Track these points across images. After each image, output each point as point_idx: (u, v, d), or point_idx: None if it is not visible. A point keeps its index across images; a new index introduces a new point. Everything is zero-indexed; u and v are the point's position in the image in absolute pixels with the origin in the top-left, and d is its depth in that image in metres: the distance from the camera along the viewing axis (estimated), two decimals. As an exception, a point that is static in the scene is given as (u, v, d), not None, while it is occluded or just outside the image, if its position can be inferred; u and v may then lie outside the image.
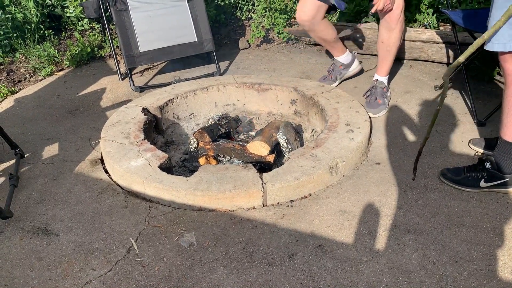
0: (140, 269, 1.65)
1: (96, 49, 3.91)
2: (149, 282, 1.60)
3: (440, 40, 3.22)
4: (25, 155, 2.47)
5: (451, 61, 3.21)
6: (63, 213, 1.99)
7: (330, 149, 2.18)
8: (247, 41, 3.98)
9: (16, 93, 3.34)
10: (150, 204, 2.02)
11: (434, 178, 2.09)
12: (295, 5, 3.86)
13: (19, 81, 3.54)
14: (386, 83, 2.86)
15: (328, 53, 3.63)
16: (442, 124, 2.53)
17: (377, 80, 2.86)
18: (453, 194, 1.99)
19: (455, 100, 2.80)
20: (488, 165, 1.99)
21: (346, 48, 3.16)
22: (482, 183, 1.99)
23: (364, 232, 1.79)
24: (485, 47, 1.79)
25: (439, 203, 1.93)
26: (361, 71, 3.25)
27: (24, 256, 1.76)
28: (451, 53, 3.20)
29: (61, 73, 3.66)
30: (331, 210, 1.91)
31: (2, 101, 3.20)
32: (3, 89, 3.28)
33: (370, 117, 2.55)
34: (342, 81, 3.18)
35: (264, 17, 3.90)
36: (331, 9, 2.81)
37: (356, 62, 3.17)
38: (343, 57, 3.13)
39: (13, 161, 2.39)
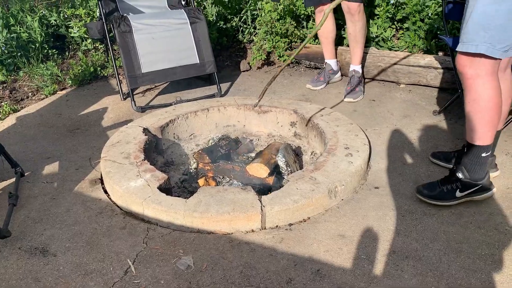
0: (137, 292, 1.65)
1: (99, 69, 3.96)
2: (145, 305, 1.59)
3: (439, 66, 3.26)
4: (25, 174, 2.48)
5: (450, 86, 3.25)
6: (61, 233, 1.99)
7: (329, 173, 2.19)
8: (248, 63, 4.03)
9: (18, 111, 3.37)
10: (149, 225, 2.02)
11: (433, 203, 2.10)
12: (296, 29, 3.93)
13: (22, 100, 3.57)
14: (360, 72, 3.39)
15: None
16: (441, 149, 2.54)
17: (354, 70, 3.37)
18: (451, 219, 1.99)
19: (454, 125, 2.82)
20: (460, 175, 2.03)
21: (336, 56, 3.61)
22: (458, 193, 2.04)
23: (363, 257, 1.78)
24: (458, 48, 1.85)
25: (438, 228, 1.93)
26: (340, 80, 3.67)
27: (21, 276, 1.75)
28: (449, 78, 3.24)
29: (64, 92, 3.70)
30: (330, 234, 1.91)
31: (4, 119, 3.23)
32: (6, 107, 3.31)
33: (368, 141, 2.57)
34: (326, 85, 3.57)
35: (265, 40, 3.96)
36: None
37: (339, 72, 3.64)
38: (334, 62, 3.57)
39: (13, 179, 2.40)
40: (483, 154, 1.97)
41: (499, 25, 1.74)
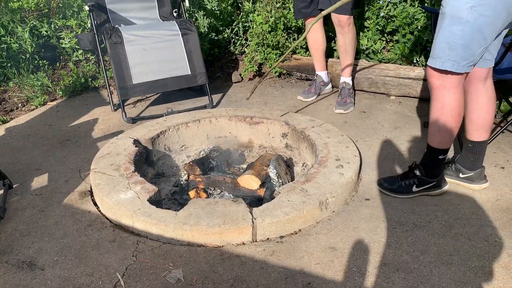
0: (126, 306, 1.62)
1: (90, 80, 3.94)
2: (134, 320, 1.56)
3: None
4: (14, 186, 2.45)
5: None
6: (49, 246, 1.96)
7: (320, 184, 2.19)
8: (240, 74, 4.04)
9: (8, 122, 3.34)
10: (138, 238, 2.00)
11: (423, 215, 2.10)
12: (287, 41, 3.96)
13: (11, 110, 3.55)
14: (351, 84, 3.43)
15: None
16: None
17: (345, 82, 3.40)
18: (441, 231, 1.99)
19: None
20: (417, 172, 2.22)
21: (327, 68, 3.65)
22: (414, 188, 2.23)
23: (354, 269, 1.78)
24: (428, 62, 2.00)
25: (428, 240, 1.94)
26: (331, 92, 3.69)
27: (7, 291, 1.72)
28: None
29: (54, 103, 3.67)
30: (321, 247, 1.91)
31: (-7, 130, 3.20)
32: (-5, 118, 3.28)
33: (359, 152, 2.58)
34: (317, 97, 3.60)
35: (256, 52, 3.98)
36: None
37: (330, 84, 3.66)
38: (324, 74, 3.61)
39: (1, 191, 2.36)
40: (440, 156, 2.16)
41: (463, 44, 1.86)
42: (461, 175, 2.30)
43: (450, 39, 1.88)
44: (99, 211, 2.22)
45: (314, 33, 3.41)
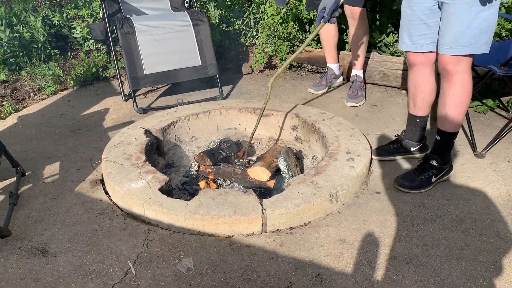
0: (137, 294, 1.64)
1: (101, 69, 3.96)
2: (145, 307, 1.58)
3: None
4: (26, 173, 2.47)
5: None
6: (61, 233, 1.99)
7: (331, 177, 2.19)
8: (250, 66, 4.03)
9: (20, 111, 3.37)
10: (149, 227, 2.01)
11: (434, 209, 2.10)
12: (298, 33, 3.93)
13: (23, 99, 3.57)
14: (362, 77, 3.41)
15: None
16: (442, 155, 2.54)
17: (356, 75, 3.39)
18: (452, 226, 1.98)
19: (455, 131, 2.82)
20: (434, 162, 2.24)
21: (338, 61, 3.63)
22: (433, 179, 2.25)
23: (363, 262, 1.78)
24: (455, 52, 2.03)
25: (439, 234, 1.93)
26: (342, 84, 3.67)
27: (21, 276, 1.74)
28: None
29: (65, 92, 3.70)
30: (331, 239, 1.91)
31: (5, 118, 3.23)
32: (7, 107, 3.31)
33: (370, 146, 2.57)
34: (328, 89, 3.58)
35: (267, 43, 3.97)
36: None
37: (341, 77, 3.64)
38: (336, 67, 3.58)
39: (14, 179, 2.39)
40: (454, 140, 2.25)
41: (494, 25, 1.98)
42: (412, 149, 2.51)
43: (484, 24, 1.94)
44: (110, 199, 2.24)
45: (326, 25, 3.37)
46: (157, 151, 2.71)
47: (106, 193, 2.30)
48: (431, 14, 2.12)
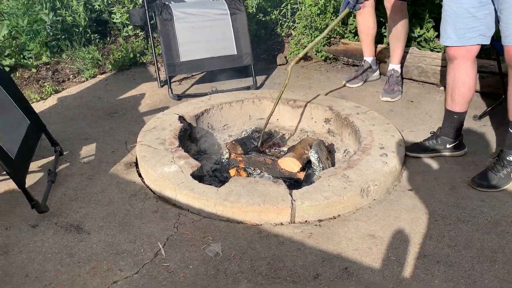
0: (166, 274, 1.68)
1: (138, 55, 4.03)
2: (173, 288, 1.62)
3: (482, 70, 3.15)
4: (64, 153, 2.56)
5: (492, 91, 3.14)
6: (95, 212, 2.05)
7: (363, 171, 2.16)
8: (285, 57, 4.01)
9: (60, 92, 3.47)
10: (180, 210, 2.05)
11: (468, 210, 2.04)
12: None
13: (63, 81, 3.69)
14: (399, 72, 3.33)
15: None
16: (479, 155, 2.47)
17: (393, 69, 3.31)
18: (487, 228, 1.93)
19: (494, 131, 2.73)
20: (511, 157, 2.18)
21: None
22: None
23: (392, 258, 1.76)
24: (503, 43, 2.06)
25: (472, 235, 1.88)
26: (378, 79, 3.59)
27: (56, 250, 1.82)
28: (492, 82, 3.13)
29: (103, 76, 3.79)
30: (360, 234, 1.89)
31: (46, 99, 3.34)
32: (48, 88, 3.43)
33: (403, 142, 2.52)
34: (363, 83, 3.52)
35: (303, 34, 3.93)
36: None
37: (378, 71, 3.57)
38: (372, 60, 3.51)
39: (52, 157, 2.48)
40: None
41: None
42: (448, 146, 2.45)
43: None
44: (143, 182, 2.29)
45: (365, 17, 3.33)
46: (189, 138, 2.75)
47: (140, 175, 2.35)
48: (481, 7, 2.07)
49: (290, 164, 2.36)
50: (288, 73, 2.40)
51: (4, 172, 2.35)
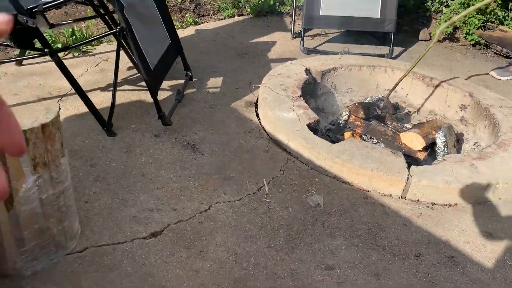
0: (265, 209, 1.70)
1: (277, 4, 4.03)
2: (270, 223, 1.63)
3: None
4: (193, 79, 2.69)
5: None
6: (212, 138, 2.14)
7: (494, 166, 1.94)
8: (430, 33, 3.71)
9: (198, 24, 3.63)
10: (289, 156, 2.05)
11: None
12: (498, 8, 3.46)
13: (203, 15, 3.84)
14: None
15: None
16: None
17: None
18: None
19: None
20: None
21: None
22: None
23: (508, 263, 1.57)
24: None
25: None
26: None
27: (171, 161, 1.94)
28: None
29: (241, 18, 3.86)
30: (476, 228, 1.72)
31: (186, 28, 3.51)
32: (189, 18, 3.59)
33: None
34: None
35: (457, 13, 3.58)
36: None
37: None
38: None
39: (183, 81, 2.62)
40: None
41: None
42: None
43: None
44: (260, 122, 2.32)
45: None
46: (311, 92, 2.70)
47: (257, 115, 2.38)
48: None
49: (414, 140, 2.20)
50: (436, 35, 2.19)
51: (139, 84, 2.55)
